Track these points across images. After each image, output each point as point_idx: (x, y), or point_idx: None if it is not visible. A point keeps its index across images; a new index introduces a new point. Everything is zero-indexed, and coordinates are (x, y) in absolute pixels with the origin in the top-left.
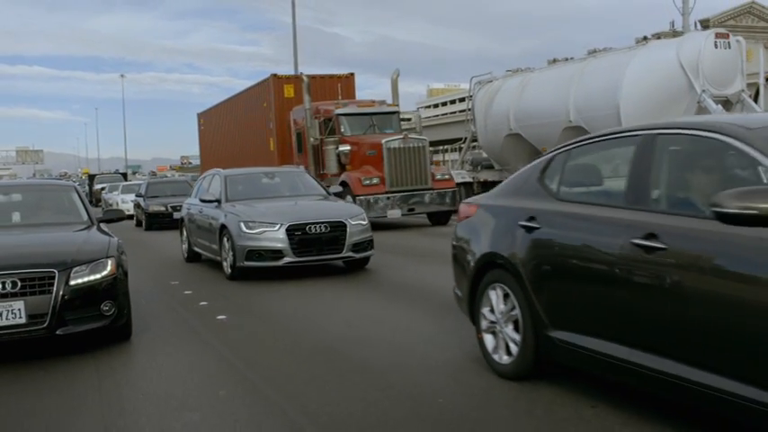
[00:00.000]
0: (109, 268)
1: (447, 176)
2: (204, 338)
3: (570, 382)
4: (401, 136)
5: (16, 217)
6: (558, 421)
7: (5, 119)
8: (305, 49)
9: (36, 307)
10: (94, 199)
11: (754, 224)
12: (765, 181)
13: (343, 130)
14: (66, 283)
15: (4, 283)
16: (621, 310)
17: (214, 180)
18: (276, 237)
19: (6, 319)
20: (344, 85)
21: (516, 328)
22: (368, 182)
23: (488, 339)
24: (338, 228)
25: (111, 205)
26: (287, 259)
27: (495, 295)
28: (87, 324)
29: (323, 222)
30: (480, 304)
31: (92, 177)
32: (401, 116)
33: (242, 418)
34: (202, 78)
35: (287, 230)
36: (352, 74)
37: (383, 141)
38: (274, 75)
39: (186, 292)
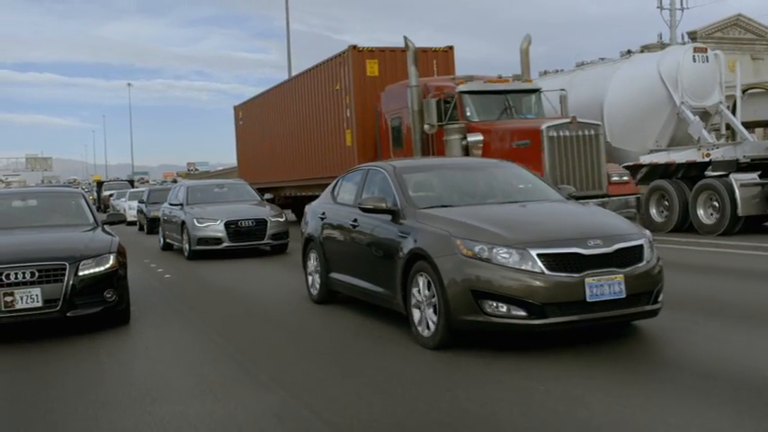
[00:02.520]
0: (111, 262)
1: (626, 178)
2: (153, 286)
3: (357, 311)
4: (567, 120)
5: (32, 219)
6: (348, 325)
7: (16, 126)
8: (314, 55)
9: (50, 293)
10: (103, 205)
11: (372, 213)
12: (392, 193)
13: (468, 113)
14: (76, 273)
15: (24, 273)
16: (349, 257)
17: (181, 189)
18: (217, 228)
19: (26, 303)
20: (442, 61)
21: (319, 274)
22: None
23: (309, 281)
24: (261, 223)
25: (117, 211)
26: (225, 244)
27: (312, 257)
28: (92, 308)
29: (251, 219)
30: (306, 262)
31: (100, 184)
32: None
33: (164, 317)
34: (211, 85)
35: (225, 224)
36: (450, 47)
37: (543, 127)
38: (354, 47)
39: (152, 265)
